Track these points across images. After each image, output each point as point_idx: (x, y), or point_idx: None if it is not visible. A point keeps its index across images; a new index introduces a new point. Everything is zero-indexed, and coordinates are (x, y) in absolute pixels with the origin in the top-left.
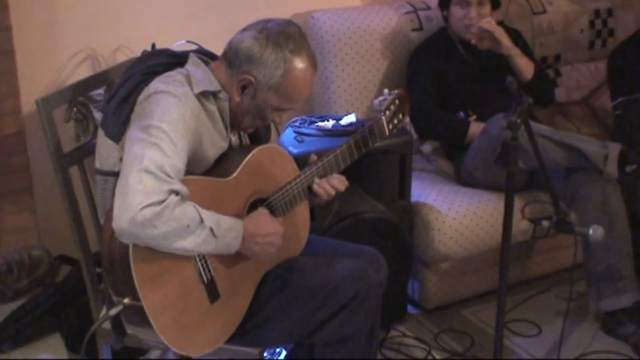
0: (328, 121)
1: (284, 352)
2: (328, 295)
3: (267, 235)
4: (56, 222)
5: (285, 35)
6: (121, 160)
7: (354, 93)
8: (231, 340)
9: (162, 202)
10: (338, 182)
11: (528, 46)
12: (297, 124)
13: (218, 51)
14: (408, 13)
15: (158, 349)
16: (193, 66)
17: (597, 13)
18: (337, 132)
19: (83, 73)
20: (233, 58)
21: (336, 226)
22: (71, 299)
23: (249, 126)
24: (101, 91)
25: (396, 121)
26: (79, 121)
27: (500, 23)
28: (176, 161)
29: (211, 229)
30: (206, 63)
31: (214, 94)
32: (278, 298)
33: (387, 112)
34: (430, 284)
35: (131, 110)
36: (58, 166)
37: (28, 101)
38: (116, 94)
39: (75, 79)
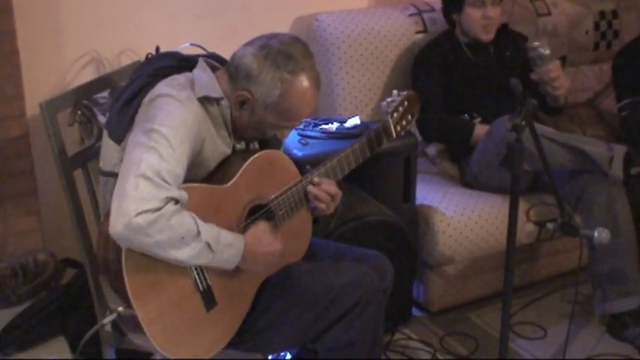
0: (332, 123)
1: (288, 355)
2: (331, 301)
3: (266, 255)
4: (60, 225)
5: (286, 55)
6: (121, 161)
7: (359, 95)
8: (233, 347)
9: (158, 209)
10: (329, 185)
11: None
12: (301, 126)
13: (222, 53)
14: (412, 15)
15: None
16: (200, 71)
17: (602, 14)
18: (341, 134)
19: (87, 76)
20: (233, 72)
21: (341, 229)
22: (75, 302)
23: (253, 137)
24: (105, 94)
25: (404, 123)
26: (83, 124)
27: (504, 26)
28: (174, 166)
29: (208, 244)
30: (215, 68)
31: (217, 101)
32: (279, 304)
33: (395, 114)
34: (435, 287)
35: (135, 112)
36: (62, 169)
37: (32, 104)
38: (121, 95)
39: (79, 82)
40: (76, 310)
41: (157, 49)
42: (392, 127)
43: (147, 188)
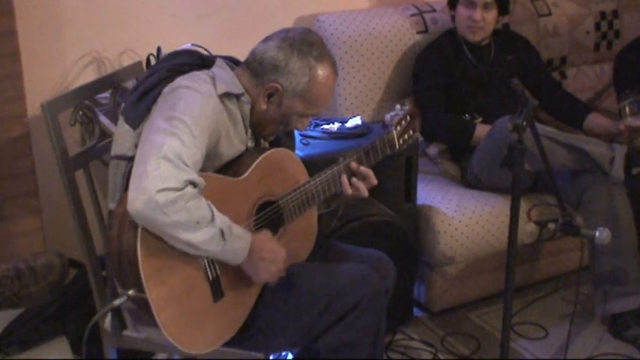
0: (334, 123)
1: (290, 355)
2: (333, 300)
3: (272, 252)
4: (61, 225)
5: (309, 43)
6: (135, 146)
7: (360, 96)
8: (235, 344)
9: (178, 190)
10: (371, 181)
11: (539, 55)
12: None
13: (223, 53)
14: (413, 15)
15: (161, 352)
16: (219, 69)
17: (603, 14)
18: (343, 135)
19: (89, 76)
20: (257, 68)
21: (342, 229)
22: (77, 303)
23: (272, 133)
24: (107, 94)
25: (406, 137)
26: (84, 124)
27: (506, 26)
28: (194, 152)
29: (221, 231)
30: (232, 68)
31: (237, 97)
32: (282, 303)
33: (398, 127)
34: (436, 287)
35: (153, 102)
36: (64, 169)
37: (33, 105)
38: (139, 86)
39: (80, 83)
40: (77, 311)
41: (159, 49)
42: (396, 138)
43: (167, 169)
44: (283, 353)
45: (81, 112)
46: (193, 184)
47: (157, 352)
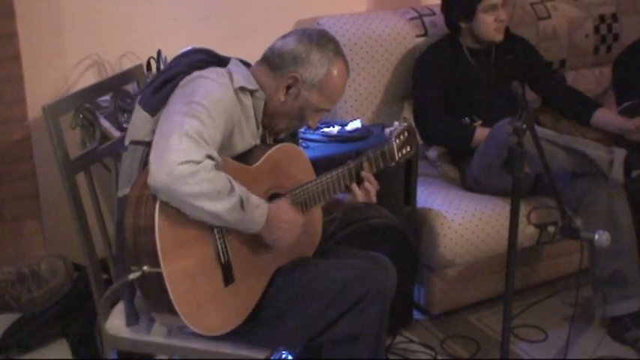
0: (333, 127)
1: (290, 357)
2: (338, 294)
3: (288, 222)
4: (62, 228)
5: (327, 38)
6: (153, 132)
7: (359, 99)
8: (242, 335)
9: (199, 162)
10: (375, 186)
11: (538, 53)
12: (302, 129)
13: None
14: (412, 18)
15: (161, 353)
16: (234, 66)
17: (602, 18)
18: (342, 138)
19: (89, 79)
20: (277, 61)
21: (342, 231)
22: (77, 305)
23: (284, 129)
24: (107, 97)
25: (404, 151)
26: (85, 127)
27: (506, 30)
28: (213, 133)
29: (241, 199)
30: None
31: (252, 93)
32: (286, 296)
33: (397, 141)
34: (436, 290)
35: (170, 92)
36: (65, 172)
37: (34, 107)
38: (157, 78)
39: (81, 86)
40: (77, 313)
41: (159, 52)
42: (395, 150)
43: (189, 144)
44: (284, 355)
45: (81, 116)
46: (212, 158)
47: (157, 354)
